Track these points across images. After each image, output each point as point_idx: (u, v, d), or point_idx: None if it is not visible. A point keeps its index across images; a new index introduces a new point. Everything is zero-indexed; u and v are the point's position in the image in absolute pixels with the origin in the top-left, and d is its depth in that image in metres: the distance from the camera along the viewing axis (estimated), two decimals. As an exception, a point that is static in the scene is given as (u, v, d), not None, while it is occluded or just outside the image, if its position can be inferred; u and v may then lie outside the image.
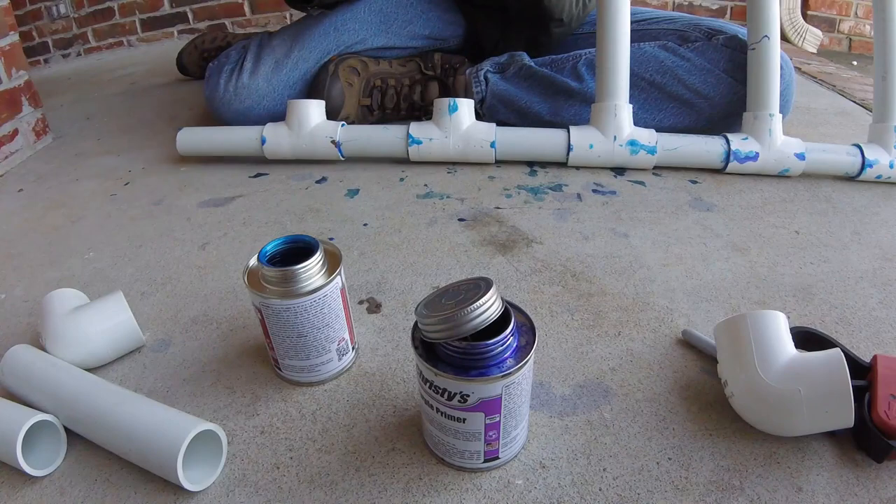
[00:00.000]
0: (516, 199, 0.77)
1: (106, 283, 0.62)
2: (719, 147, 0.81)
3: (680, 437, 0.42)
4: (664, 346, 0.51)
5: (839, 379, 0.38)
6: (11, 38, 0.99)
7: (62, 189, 0.86)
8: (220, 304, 0.57)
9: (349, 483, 0.39)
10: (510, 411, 0.36)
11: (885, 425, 0.38)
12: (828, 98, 1.21)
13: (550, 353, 0.50)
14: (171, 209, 0.77)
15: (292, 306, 0.42)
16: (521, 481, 0.39)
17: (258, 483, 0.39)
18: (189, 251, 0.67)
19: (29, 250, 0.70)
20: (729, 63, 0.84)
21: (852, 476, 0.39)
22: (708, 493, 0.38)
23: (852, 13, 1.95)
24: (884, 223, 0.71)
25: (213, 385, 0.48)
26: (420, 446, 0.42)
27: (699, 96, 0.85)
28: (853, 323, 0.53)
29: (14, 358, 0.46)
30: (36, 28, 1.88)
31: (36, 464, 0.40)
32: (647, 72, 0.86)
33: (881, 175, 0.80)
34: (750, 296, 0.57)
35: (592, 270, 0.62)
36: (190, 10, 1.93)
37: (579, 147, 0.81)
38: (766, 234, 0.68)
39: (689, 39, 0.88)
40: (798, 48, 1.77)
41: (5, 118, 0.96)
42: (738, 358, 0.42)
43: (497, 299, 0.33)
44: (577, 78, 0.87)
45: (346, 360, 0.48)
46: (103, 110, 1.24)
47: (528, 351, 0.35)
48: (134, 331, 0.50)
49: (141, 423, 0.39)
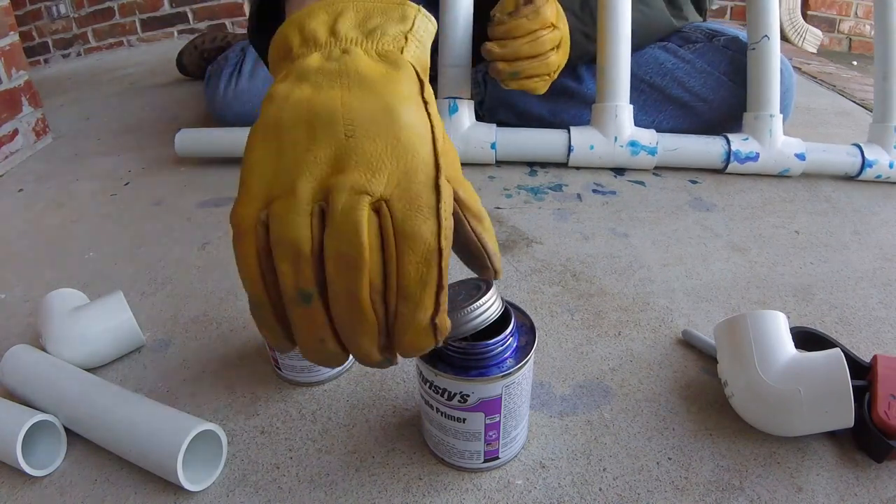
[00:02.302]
0: (516, 199, 0.77)
1: (106, 283, 0.62)
2: (720, 147, 0.81)
3: (680, 437, 0.42)
4: (664, 346, 0.51)
5: (839, 379, 0.38)
6: (11, 38, 0.99)
7: (62, 189, 0.86)
8: (220, 304, 0.57)
9: (349, 483, 0.39)
10: (510, 411, 0.36)
11: (885, 425, 0.38)
12: (828, 98, 1.21)
13: (550, 353, 0.50)
14: (171, 209, 0.77)
15: (292, 306, 0.42)
16: (521, 481, 0.39)
17: (258, 483, 0.39)
18: (189, 251, 0.67)
19: (29, 250, 0.70)
20: (729, 65, 0.84)
21: (852, 476, 0.39)
22: (708, 493, 0.38)
23: (852, 13, 1.95)
24: (884, 223, 0.71)
25: (213, 385, 0.48)
26: (420, 446, 0.42)
27: (699, 99, 0.85)
28: (853, 323, 0.54)
29: (14, 358, 0.46)
30: (36, 28, 1.88)
31: (36, 464, 0.40)
32: (646, 74, 0.86)
33: (881, 175, 0.80)
34: (750, 296, 0.57)
35: (592, 270, 0.62)
36: (190, 10, 1.93)
37: (580, 148, 0.81)
38: (766, 234, 0.68)
39: (690, 40, 0.88)
40: (798, 48, 1.78)
41: (5, 118, 0.96)
42: (738, 358, 0.42)
43: (497, 299, 0.33)
44: (576, 79, 0.87)
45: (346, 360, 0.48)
46: (103, 110, 1.24)
47: (528, 351, 0.35)
48: (134, 331, 0.50)
49: (141, 423, 0.39)
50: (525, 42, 0.69)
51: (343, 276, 0.25)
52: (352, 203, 0.25)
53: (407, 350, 0.28)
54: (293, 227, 0.25)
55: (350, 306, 0.26)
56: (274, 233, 0.26)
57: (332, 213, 0.25)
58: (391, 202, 0.25)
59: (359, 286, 0.25)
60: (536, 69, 0.71)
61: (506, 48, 0.69)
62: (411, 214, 0.25)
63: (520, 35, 0.69)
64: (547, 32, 0.69)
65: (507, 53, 0.70)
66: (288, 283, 0.26)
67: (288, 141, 0.27)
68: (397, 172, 0.26)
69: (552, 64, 0.71)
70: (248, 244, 0.27)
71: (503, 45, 0.70)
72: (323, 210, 0.26)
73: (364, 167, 0.26)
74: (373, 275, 0.26)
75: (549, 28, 0.69)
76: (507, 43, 0.69)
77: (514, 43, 0.69)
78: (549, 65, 0.71)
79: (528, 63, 0.70)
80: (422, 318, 0.27)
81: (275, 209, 0.26)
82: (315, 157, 0.26)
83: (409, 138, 0.26)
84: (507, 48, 0.69)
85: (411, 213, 0.25)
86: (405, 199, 0.26)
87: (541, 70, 0.71)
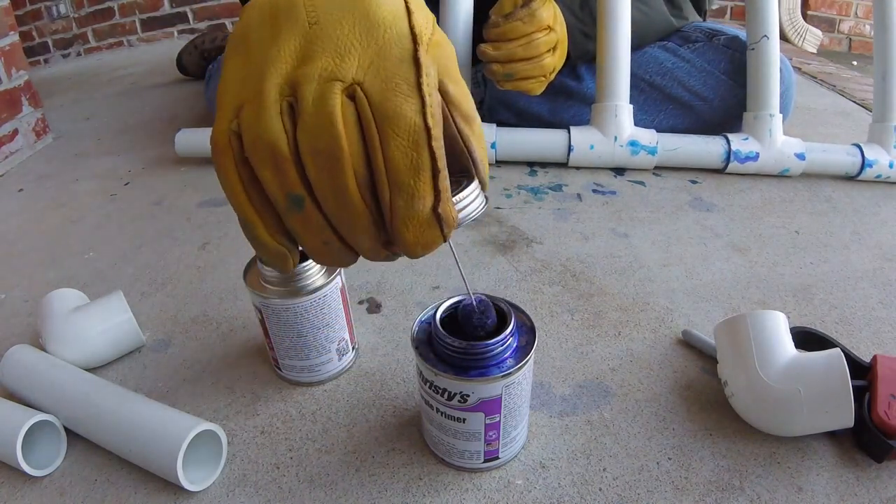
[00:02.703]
0: (516, 199, 0.77)
1: (106, 283, 0.62)
2: (720, 147, 0.81)
3: (680, 437, 0.42)
4: (664, 346, 0.51)
5: (839, 379, 0.38)
6: (11, 38, 1.00)
7: (62, 189, 0.86)
8: (220, 304, 0.57)
9: (349, 483, 0.39)
10: (510, 411, 0.36)
11: (885, 425, 0.38)
12: (828, 98, 1.21)
13: (550, 353, 0.50)
14: (171, 209, 0.77)
15: (292, 306, 0.42)
16: (521, 481, 0.39)
17: (258, 483, 0.39)
18: (189, 251, 0.67)
19: (29, 250, 0.70)
20: (729, 65, 0.84)
21: (852, 476, 0.39)
22: (708, 493, 0.38)
23: (852, 13, 1.95)
24: (884, 223, 0.71)
25: (213, 385, 0.48)
26: (420, 446, 0.42)
27: (698, 99, 0.85)
28: (853, 323, 0.54)
29: (14, 358, 0.46)
30: (36, 28, 1.88)
31: (36, 464, 0.40)
32: (646, 73, 0.86)
33: (881, 175, 0.80)
34: (750, 296, 0.57)
35: (592, 270, 0.62)
36: (190, 10, 1.93)
37: (580, 148, 0.81)
38: (766, 234, 0.68)
39: (690, 40, 0.88)
40: (798, 48, 1.77)
41: (5, 118, 0.96)
42: (738, 358, 0.42)
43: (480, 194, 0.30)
44: (576, 78, 0.87)
45: (346, 360, 0.48)
46: (103, 110, 1.24)
47: (528, 351, 0.35)
48: (134, 331, 0.50)
49: (141, 423, 0.39)
50: (520, 45, 0.69)
51: (325, 174, 0.24)
52: (321, 92, 0.23)
53: (412, 248, 0.26)
54: (264, 128, 0.24)
55: (339, 205, 0.24)
56: (247, 140, 0.24)
57: (303, 106, 0.23)
58: (366, 84, 0.23)
59: (344, 182, 0.23)
60: (531, 71, 0.71)
61: (500, 50, 0.70)
62: (390, 93, 0.23)
63: (515, 37, 0.69)
64: (542, 35, 0.69)
65: (502, 55, 0.70)
66: (273, 190, 0.25)
67: (254, 43, 0.25)
68: (369, 52, 0.24)
69: (547, 66, 0.71)
70: (227, 159, 0.25)
71: (497, 47, 0.70)
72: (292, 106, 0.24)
73: (331, 52, 0.24)
74: (357, 167, 0.24)
75: (544, 31, 0.69)
76: (502, 45, 0.69)
77: (508, 45, 0.69)
78: (543, 67, 0.71)
79: (522, 65, 0.70)
80: (421, 209, 0.24)
81: (243, 116, 0.24)
82: (279, 52, 0.24)
83: (378, 14, 0.24)
84: (501, 50, 0.70)
85: (389, 92, 0.23)
86: (381, 78, 0.23)
87: (535, 72, 0.71)
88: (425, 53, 0.24)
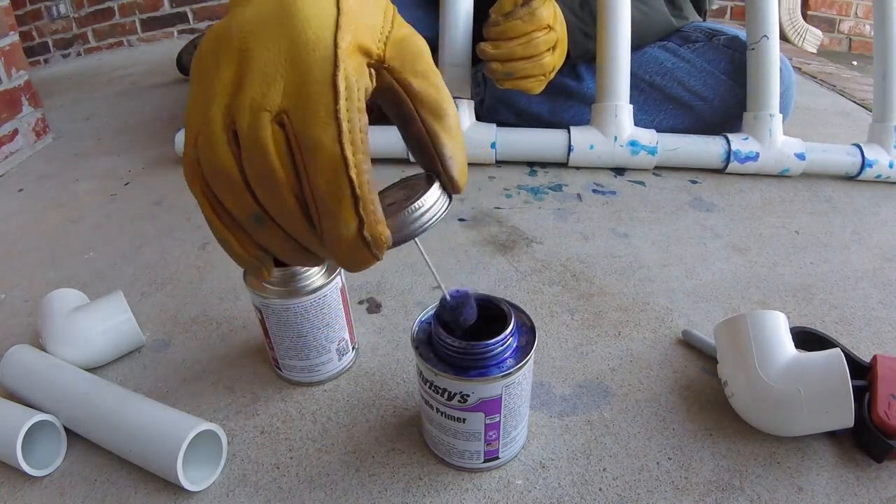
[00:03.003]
0: (516, 199, 0.77)
1: (106, 283, 0.62)
2: (720, 147, 0.81)
3: (680, 437, 0.42)
4: (664, 346, 0.51)
5: (839, 379, 0.38)
6: (11, 38, 1.00)
7: (62, 189, 0.86)
8: (220, 304, 0.57)
9: (349, 483, 0.39)
10: (510, 411, 0.36)
11: (885, 425, 0.38)
12: (828, 98, 1.21)
13: (550, 353, 0.50)
14: (171, 209, 0.77)
15: (292, 306, 0.42)
16: (521, 481, 0.39)
17: (258, 483, 0.39)
18: (189, 251, 0.67)
19: (29, 250, 0.70)
20: (729, 65, 0.84)
21: (852, 476, 0.39)
22: (708, 493, 0.38)
23: (852, 13, 1.95)
24: (884, 223, 0.71)
25: (213, 385, 0.48)
26: (420, 446, 0.42)
27: (698, 98, 0.85)
28: (853, 323, 0.54)
29: (14, 358, 0.46)
30: (36, 28, 1.88)
31: (36, 464, 0.40)
32: (646, 73, 0.86)
33: (881, 175, 0.80)
34: (750, 296, 0.57)
35: (592, 270, 0.62)
36: (190, 10, 1.93)
37: (580, 148, 0.81)
38: (766, 234, 0.68)
39: (690, 40, 0.88)
40: (798, 48, 1.77)
41: (5, 118, 0.96)
42: (738, 358, 0.42)
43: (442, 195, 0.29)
44: (576, 78, 0.87)
45: (346, 360, 0.48)
46: (103, 110, 1.24)
47: (528, 351, 0.35)
48: (134, 331, 0.50)
49: (141, 423, 0.39)
50: (519, 43, 0.69)
51: (270, 197, 0.24)
52: (251, 122, 0.24)
53: (346, 267, 0.26)
54: (215, 157, 0.25)
55: (288, 225, 0.25)
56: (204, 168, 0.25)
57: (241, 135, 0.24)
58: (290, 112, 0.24)
59: (285, 204, 0.24)
60: (530, 70, 0.71)
61: (500, 49, 0.70)
62: (310, 122, 0.23)
63: (514, 36, 0.69)
64: (542, 34, 0.69)
65: (501, 54, 0.70)
66: (237, 211, 0.26)
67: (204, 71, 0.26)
68: (293, 77, 0.24)
69: (547, 65, 0.71)
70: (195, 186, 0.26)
71: (497, 45, 0.70)
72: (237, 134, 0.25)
73: (259, 80, 0.24)
74: (296, 190, 0.24)
75: (544, 30, 0.69)
76: (502, 44, 0.70)
77: (508, 44, 0.69)
78: (543, 66, 0.71)
79: (521, 64, 0.70)
80: (345, 233, 0.24)
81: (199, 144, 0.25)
82: (220, 81, 0.25)
83: (303, 37, 0.24)
84: (500, 49, 0.70)
85: (309, 121, 0.23)
86: (301, 105, 0.23)
87: (535, 71, 0.71)
88: (347, 76, 0.24)
